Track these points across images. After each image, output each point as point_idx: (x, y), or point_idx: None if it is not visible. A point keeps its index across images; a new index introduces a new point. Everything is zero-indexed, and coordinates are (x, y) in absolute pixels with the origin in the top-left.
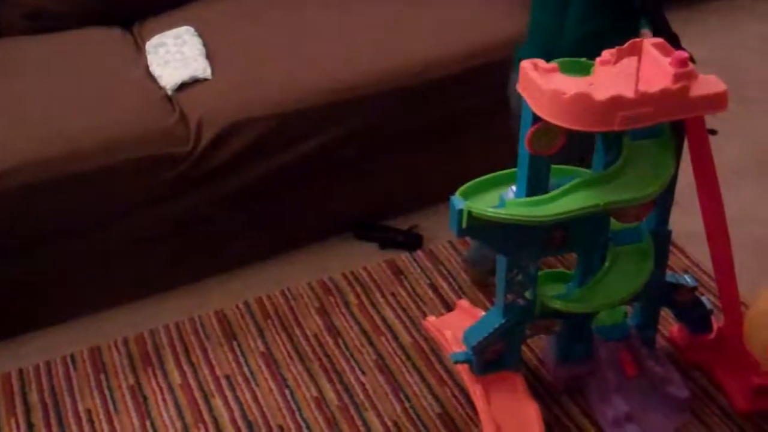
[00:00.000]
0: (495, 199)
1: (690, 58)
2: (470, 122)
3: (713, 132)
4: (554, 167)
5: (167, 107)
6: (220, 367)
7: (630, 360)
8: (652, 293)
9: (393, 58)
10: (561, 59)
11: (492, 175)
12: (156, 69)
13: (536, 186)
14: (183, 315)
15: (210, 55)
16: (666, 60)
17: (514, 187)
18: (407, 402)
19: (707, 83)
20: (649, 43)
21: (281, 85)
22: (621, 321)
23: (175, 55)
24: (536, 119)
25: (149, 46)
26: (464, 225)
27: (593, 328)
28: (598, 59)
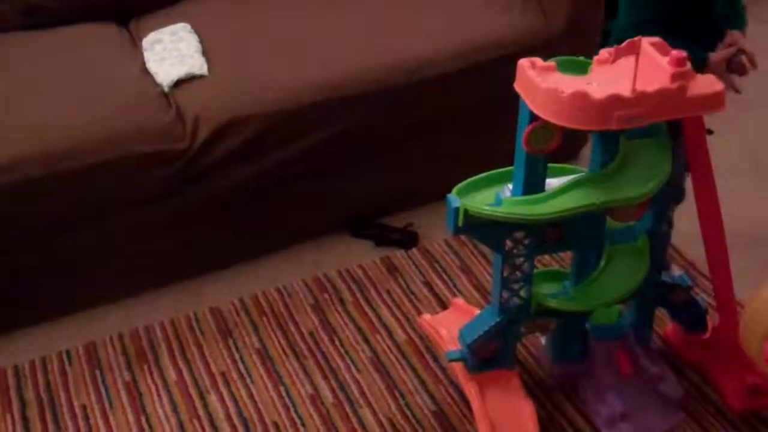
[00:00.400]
0: (491, 198)
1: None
2: (465, 120)
3: (710, 132)
4: (551, 166)
5: (163, 104)
6: (216, 364)
7: (625, 359)
8: (648, 292)
9: (388, 56)
10: (559, 57)
11: (488, 174)
12: (152, 66)
13: (533, 184)
14: (178, 311)
15: (206, 52)
16: (664, 59)
17: (511, 186)
18: (402, 399)
19: (704, 83)
20: (647, 42)
21: (277, 83)
22: (616, 320)
23: (172, 52)
24: (533, 118)
25: (145, 43)
26: (460, 223)
27: (588, 327)
28: (596, 57)
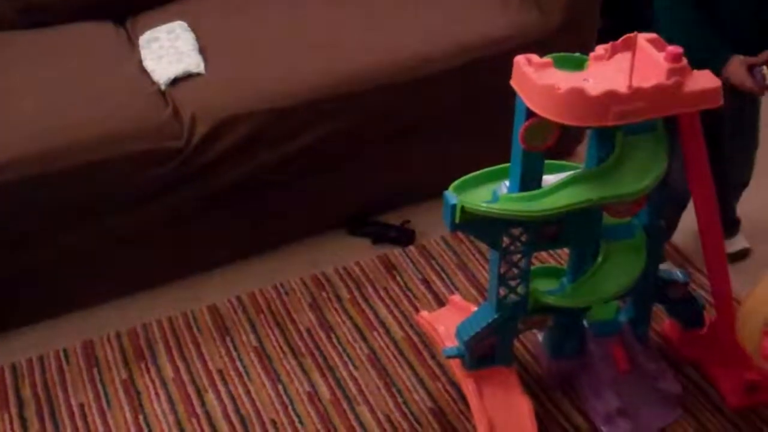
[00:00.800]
0: (488, 194)
1: None
2: (463, 117)
3: None
4: (547, 162)
5: (160, 102)
6: (213, 362)
7: (622, 355)
8: (645, 289)
9: (387, 54)
10: (555, 54)
11: (485, 171)
12: (149, 64)
13: (529, 181)
14: (176, 309)
15: (203, 50)
16: (660, 55)
17: (507, 182)
18: (399, 396)
19: (701, 79)
20: (644, 38)
21: (274, 80)
22: (613, 316)
23: (169, 50)
24: (530, 114)
25: (142, 41)
26: (457, 220)
27: (586, 324)
28: (592, 54)
